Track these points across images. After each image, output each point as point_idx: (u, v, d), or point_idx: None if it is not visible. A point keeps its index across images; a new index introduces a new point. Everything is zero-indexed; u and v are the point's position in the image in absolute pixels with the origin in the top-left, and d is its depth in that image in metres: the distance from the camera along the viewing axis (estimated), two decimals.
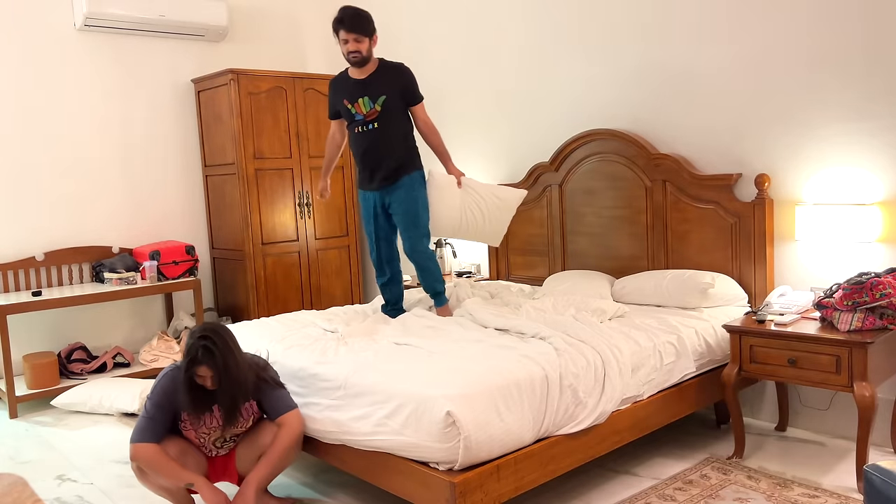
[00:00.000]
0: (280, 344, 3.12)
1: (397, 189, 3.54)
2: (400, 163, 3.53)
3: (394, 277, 3.72)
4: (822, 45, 3.22)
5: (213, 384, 2.55)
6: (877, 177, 3.13)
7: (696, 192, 3.65)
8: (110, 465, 3.40)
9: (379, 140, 3.50)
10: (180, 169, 5.35)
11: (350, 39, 3.38)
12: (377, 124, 3.48)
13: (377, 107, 3.45)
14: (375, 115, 3.47)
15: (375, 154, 3.52)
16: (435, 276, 3.59)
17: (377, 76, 3.49)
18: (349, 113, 3.52)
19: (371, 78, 3.49)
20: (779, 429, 3.44)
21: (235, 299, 5.28)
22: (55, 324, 4.77)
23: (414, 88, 3.56)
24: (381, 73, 3.50)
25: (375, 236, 3.69)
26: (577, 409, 2.61)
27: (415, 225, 3.55)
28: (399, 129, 3.54)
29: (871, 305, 2.73)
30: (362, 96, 3.47)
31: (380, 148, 3.51)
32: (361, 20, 3.38)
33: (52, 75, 4.77)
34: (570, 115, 4.25)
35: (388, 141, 3.50)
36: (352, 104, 3.50)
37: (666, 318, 3.22)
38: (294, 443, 2.69)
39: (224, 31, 5.32)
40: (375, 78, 3.49)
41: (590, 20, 4.10)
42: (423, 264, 3.58)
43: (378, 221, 3.66)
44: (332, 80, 3.65)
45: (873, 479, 1.73)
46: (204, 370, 2.52)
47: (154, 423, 2.60)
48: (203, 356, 2.50)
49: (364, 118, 3.49)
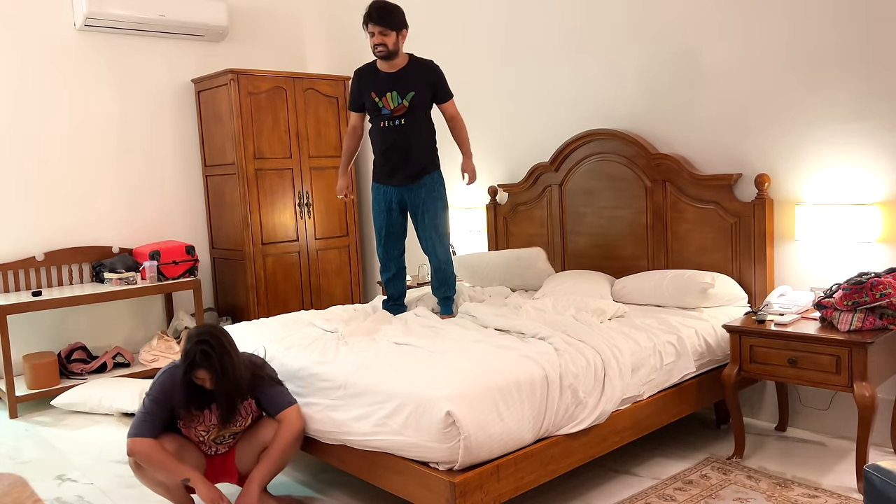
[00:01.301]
0: (280, 344, 3.11)
1: (419, 188, 3.55)
2: (424, 162, 3.53)
3: (399, 273, 3.71)
4: (822, 45, 3.22)
5: (212, 385, 2.59)
6: (877, 177, 3.13)
7: (696, 192, 3.65)
8: (110, 465, 3.40)
9: (405, 137, 3.49)
10: (180, 169, 5.35)
11: (376, 32, 3.37)
12: (404, 120, 3.48)
13: (405, 102, 3.45)
14: (403, 110, 3.46)
15: (400, 151, 3.51)
16: (449, 283, 3.60)
17: (407, 71, 3.48)
18: (375, 106, 3.50)
19: (401, 73, 3.48)
20: (779, 429, 3.44)
21: (235, 299, 5.28)
22: (55, 324, 4.77)
23: (445, 85, 3.56)
24: (411, 69, 3.49)
25: (386, 231, 3.67)
26: (577, 410, 2.61)
27: (435, 226, 3.56)
28: (425, 128, 3.55)
29: (871, 305, 2.73)
30: (391, 90, 3.45)
31: (406, 145, 3.50)
32: (388, 13, 3.36)
33: (52, 75, 4.77)
34: (570, 115, 4.25)
35: (415, 138, 3.50)
36: (380, 97, 3.47)
37: (666, 318, 3.22)
38: (295, 438, 2.70)
39: (224, 31, 5.32)
40: (405, 73, 3.48)
41: (590, 20, 4.10)
42: (442, 269, 3.58)
43: (391, 216, 3.65)
44: (358, 71, 3.61)
45: (873, 479, 1.73)
46: (202, 373, 2.56)
47: (152, 417, 2.62)
48: (201, 360, 2.53)
49: (391, 113, 3.47)
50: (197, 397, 2.63)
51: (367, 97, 3.52)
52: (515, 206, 4.53)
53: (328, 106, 5.44)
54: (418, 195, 3.55)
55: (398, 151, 3.52)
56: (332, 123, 5.48)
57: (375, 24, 3.36)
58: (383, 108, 3.47)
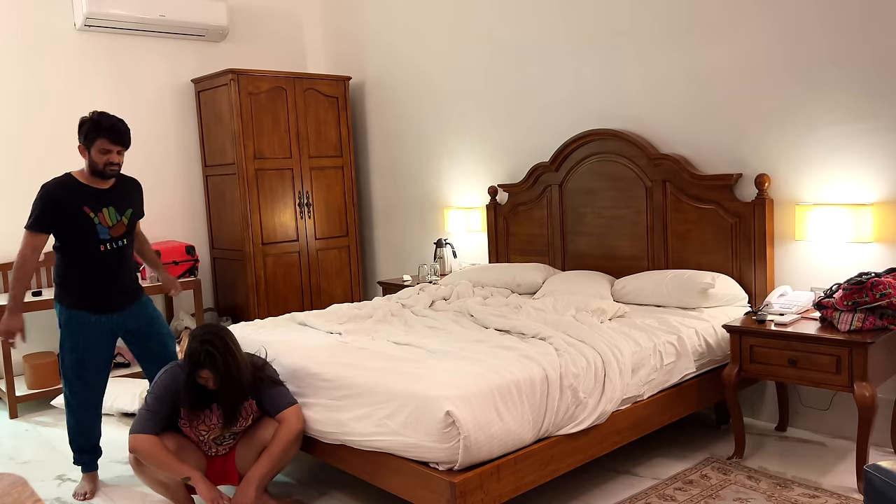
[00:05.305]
0: (280, 344, 3.11)
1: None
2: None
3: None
4: (822, 45, 3.22)
5: (215, 385, 2.60)
6: (876, 177, 3.12)
7: (696, 193, 3.65)
8: (110, 464, 3.40)
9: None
10: (180, 169, 5.34)
11: (115, 151, 3.00)
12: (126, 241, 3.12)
13: (124, 220, 3.11)
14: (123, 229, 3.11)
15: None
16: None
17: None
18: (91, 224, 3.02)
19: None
20: (779, 429, 3.44)
21: (235, 299, 5.28)
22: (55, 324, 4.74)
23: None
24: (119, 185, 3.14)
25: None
26: (577, 410, 2.61)
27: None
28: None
29: (871, 305, 2.73)
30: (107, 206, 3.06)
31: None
32: (128, 131, 3.05)
33: (53, 75, 4.77)
34: (570, 115, 4.25)
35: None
36: (95, 213, 3.03)
37: (666, 318, 3.22)
38: (294, 439, 2.70)
39: (224, 31, 5.32)
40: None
41: (590, 20, 4.10)
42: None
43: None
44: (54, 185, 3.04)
45: (873, 479, 1.73)
46: (206, 373, 2.58)
47: (154, 415, 2.64)
48: (205, 360, 2.55)
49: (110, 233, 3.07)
50: (199, 396, 2.64)
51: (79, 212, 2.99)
52: (515, 206, 4.53)
53: (328, 106, 5.44)
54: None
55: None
56: (332, 123, 5.47)
57: (114, 143, 2.98)
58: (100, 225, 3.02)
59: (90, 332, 3.07)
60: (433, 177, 5.23)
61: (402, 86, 5.37)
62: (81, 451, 3.15)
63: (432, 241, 5.18)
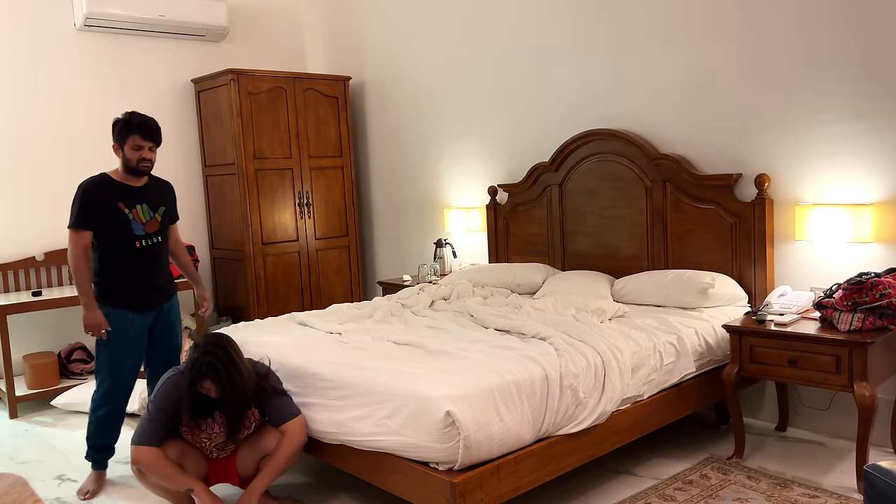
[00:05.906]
0: (280, 344, 3.11)
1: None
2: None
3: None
4: (822, 46, 3.22)
5: (217, 395, 2.59)
6: (876, 177, 3.12)
7: (696, 193, 3.65)
8: (110, 464, 3.39)
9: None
10: (180, 169, 5.34)
11: (146, 147, 3.13)
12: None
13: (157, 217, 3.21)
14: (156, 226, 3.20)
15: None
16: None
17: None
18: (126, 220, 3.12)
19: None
20: (779, 429, 3.44)
21: (235, 299, 5.28)
22: (55, 324, 4.77)
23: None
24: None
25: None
26: (577, 410, 2.61)
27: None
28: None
29: (871, 305, 2.73)
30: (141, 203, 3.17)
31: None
32: (158, 128, 3.17)
33: (52, 75, 4.77)
34: (570, 115, 4.25)
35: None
36: (130, 209, 3.14)
37: (666, 318, 3.22)
38: (297, 451, 2.71)
39: (224, 31, 5.32)
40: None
41: (590, 20, 4.10)
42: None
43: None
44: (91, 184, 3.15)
45: (873, 479, 1.73)
46: (208, 384, 2.57)
47: (156, 425, 2.62)
48: (208, 371, 2.54)
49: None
50: (202, 405, 2.63)
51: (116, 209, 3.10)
52: (515, 205, 4.53)
53: (328, 106, 5.44)
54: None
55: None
56: (332, 123, 5.47)
57: (146, 139, 3.11)
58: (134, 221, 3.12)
59: (127, 329, 3.13)
60: (433, 177, 5.23)
61: (402, 86, 5.37)
62: (96, 449, 3.18)
63: (432, 241, 5.18)
